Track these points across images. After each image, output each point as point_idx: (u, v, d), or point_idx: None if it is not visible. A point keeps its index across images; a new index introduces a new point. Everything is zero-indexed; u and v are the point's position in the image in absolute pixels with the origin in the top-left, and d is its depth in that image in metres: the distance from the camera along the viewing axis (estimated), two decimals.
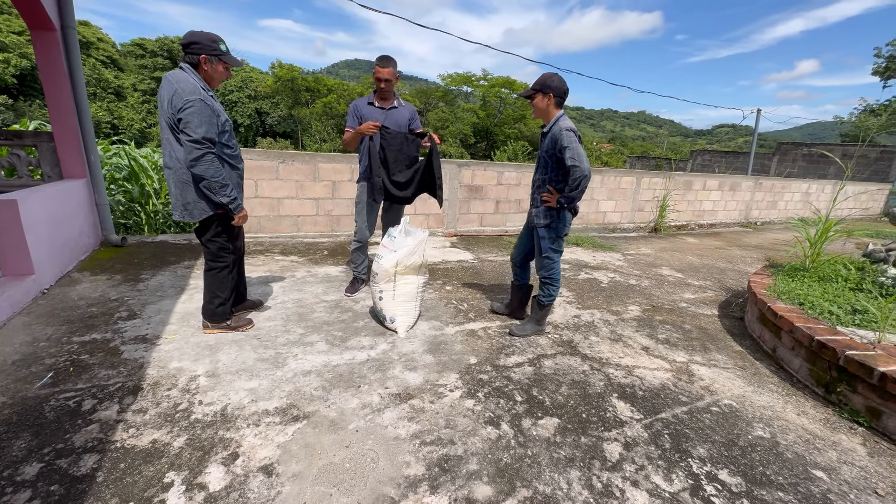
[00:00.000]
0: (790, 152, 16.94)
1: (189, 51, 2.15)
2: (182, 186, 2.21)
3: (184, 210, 2.24)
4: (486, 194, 6.13)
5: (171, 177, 2.21)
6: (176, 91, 2.07)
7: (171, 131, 2.13)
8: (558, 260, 2.73)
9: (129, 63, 35.44)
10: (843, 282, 3.08)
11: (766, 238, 7.80)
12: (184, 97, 2.06)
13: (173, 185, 2.22)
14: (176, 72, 2.15)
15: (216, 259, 2.44)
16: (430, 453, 1.68)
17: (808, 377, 2.39)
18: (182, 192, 2.21)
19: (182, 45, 2.17)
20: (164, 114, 2.12)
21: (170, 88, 2.08)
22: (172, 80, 2.11)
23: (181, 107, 2.06)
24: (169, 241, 4.61)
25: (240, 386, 2.04)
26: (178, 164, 2.17)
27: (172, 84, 2.09)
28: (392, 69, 2.92)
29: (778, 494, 1.58)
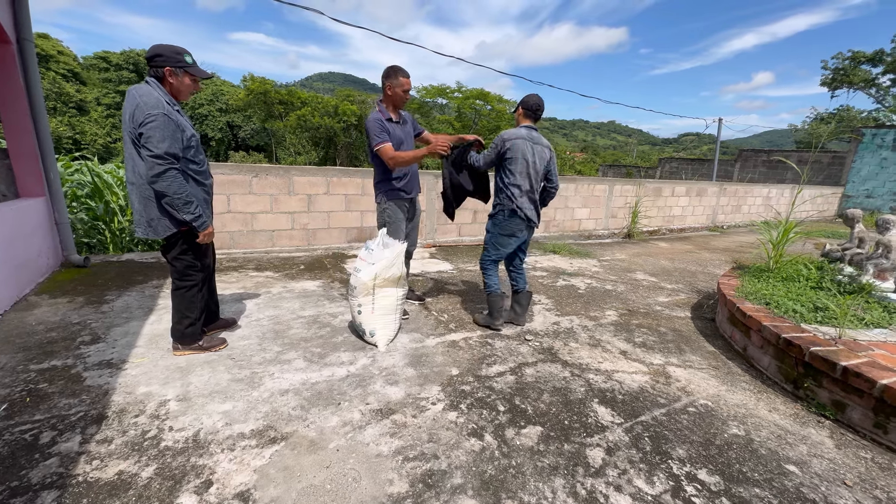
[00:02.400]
0: (751, 158, 17.83)
1: (153, 64, 2.11)
2: (145, 202, 2.14)
3: (147, 227, 2.17)
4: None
5: (135, 192, 2.14)
6: (138, 105, 2.01)
7: (134, 146, 2.07)
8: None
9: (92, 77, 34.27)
10: (805, 281, 3.23)
11: (733, 241, 8.13)
12: (146, 111, 2.00)
13: (136, 200, 2.15)
14: (140, 85, 2.10)
15: (183, 278, 2.35)
16: (413, 469, 1.65)
17: (777, 374, 2.48)
18: (145, 209, 2.14)
19: (146, 59, 2.12)
20: (126, 128, 2.07)
21: (132, 102, 2.03)
22: (136, 93, 2.05)
23: (143, 121, 1.99)
24: (136, 259, 4.43)
25: (213, 409, 1.96)
26: (140, 180, 2.10)
27: (135, 98, 2.03)
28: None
29: (755, 491, 1.62)
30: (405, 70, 2.85)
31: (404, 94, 2.85)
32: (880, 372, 1.97)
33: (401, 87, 2.82)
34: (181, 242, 2.28)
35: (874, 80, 24.15)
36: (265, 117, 31.75)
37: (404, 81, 2.82)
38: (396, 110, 2.93)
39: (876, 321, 2.60)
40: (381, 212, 3.01)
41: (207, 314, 2.62)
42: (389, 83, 2.82)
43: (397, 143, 2.83)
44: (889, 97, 23.87)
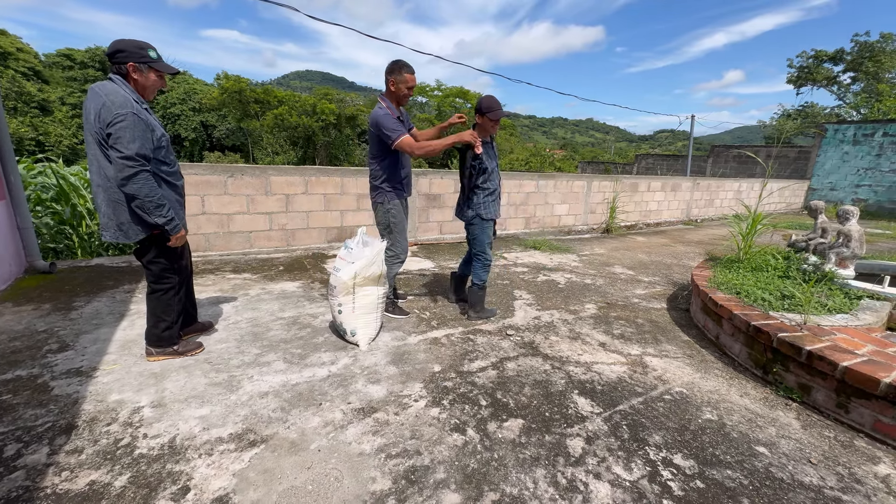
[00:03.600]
0: (722, 154, 18.40)
1: (115, 60, 2.01)
2: (114, 206, 2.06)
3: (118, 230, 2.09)
4: (445, 202, 6.18)
5: (101, 195, 2.06)
6: (104, 104, 1.92)
7: (100, 147, 1.99)
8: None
9: (55, 75, 32.81)
10: (773, 270, 3.36)
11: (706, 234, 8.39)
12: (113, 110, 1.91)
13: (104, 203, 2.06)
14: (104, 83, 2.00)
15: (159, 281, 2.29)
16: (396, 466, 1.65)
17: (748, 360, 2.57)
18: (115, 212, 2.06)
19: (108, 55, 2.03)
20: (90, 128, 1.97)
21: (97, 101, 1.94)
22: (100, 91, 1.96)
23: (111, 121, 1.91)
24: (105, 264, 4.27)
25: (189, 414, 1.91)
26: (108, 182, 2.02)
27: (100, 96, 1.94)
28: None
29: (727, 472, 1.68)
30: (410, 66, 2.76)
31: (408, 91, 2.79)
32: (842, 355, 2.07)
33: (405, 84, 2.75)
34: (154, 246, 2.22)
35: (836, 78, 25.25)
36: (241, 116, 31.01)
37: (409, 78, 2.75)
38: (398, 106, 2.85)
39: (838, 307, 2.73)
40: (385, 212, 2.93)
41: (185, 318, 2.55)
42: (393, 79, 2.75)
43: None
44: (849, 94, 24.99)
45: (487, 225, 3.04)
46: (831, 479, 1.67)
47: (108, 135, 1.94)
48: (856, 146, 13.17)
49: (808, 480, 1.66)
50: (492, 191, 2.97)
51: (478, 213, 2.97)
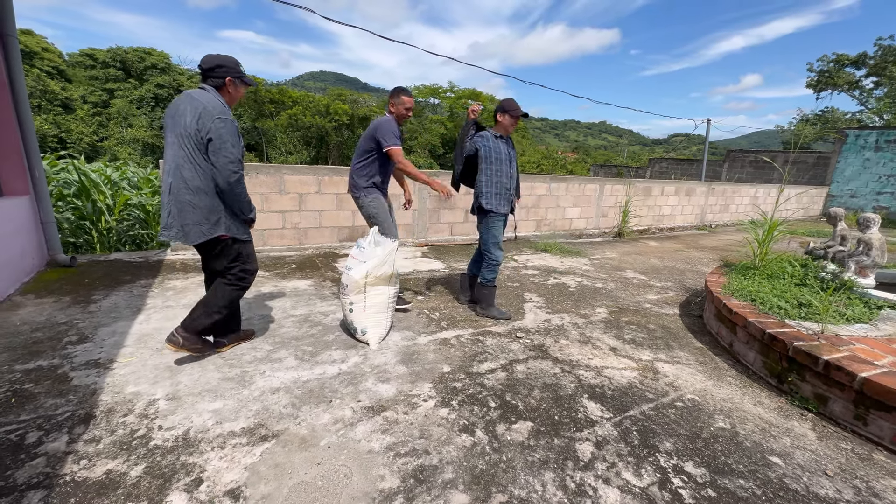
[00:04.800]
0: (739, 159, 18.09)
1: (215, 74, 2.13)
2: (181, 207, 2.10)
3: (180, 231, 2.13)
4: (456, 203, 6.19)
5: (171, 196, 2.10)
6: (206, 109, 2.02)
7: (193, 149, 2.05)
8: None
9: (77, 74, 33.65)
10: (789, 278, 3.30)
11: (721, 240, 8.26)
12: (215, 115, 2.03)
13: (172, 204, 2.10)
14: (200, 91, 2.11)
15: (241, 280, 2.35)
16: (404, 465, 1.65)
17: (763, 369, 2.53)
18: (181, 213, 2.11)
19: (205, 69, 2.12)
20: (183, 130, 2.03)
21: (194, 105, 2.04)
22: (199, 98, 2.06)
23: (214, 126, 2.02)
24: (123, 259, 4.37)
25: (203, 408, 1.95)
26: (183, 184, 2.07)
27: (198, 102, 2.04)
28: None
29: (739, 482, 1.66)
30: (408, 90, 3.11)
31: (406, 112, 3.09)
32: (860, 365, 2.03)
33: (403, 105, 3.07)
34: (225, 251, 2.27)
35: (857, 83, 24.65)
36: (255, 116, 31.46)
37: (406, 100, 3.07)
38: (399, 125, 3.11)
39: (857, 317, 2.67)
40: (367, 203, 3.11)
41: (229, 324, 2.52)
42: (393, 101, 3.08)
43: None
44: (872, 99, 24.39)
45: (493, 222, 3.07)
46: (848, 493, 1.63)
47: (209, 140, 2.03)
48: (878, 153, 12.85)
49: (824, 493, 1.62)
50: (495, 182, 3.05)
51: (479, 202, 3.07)
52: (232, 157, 2.06)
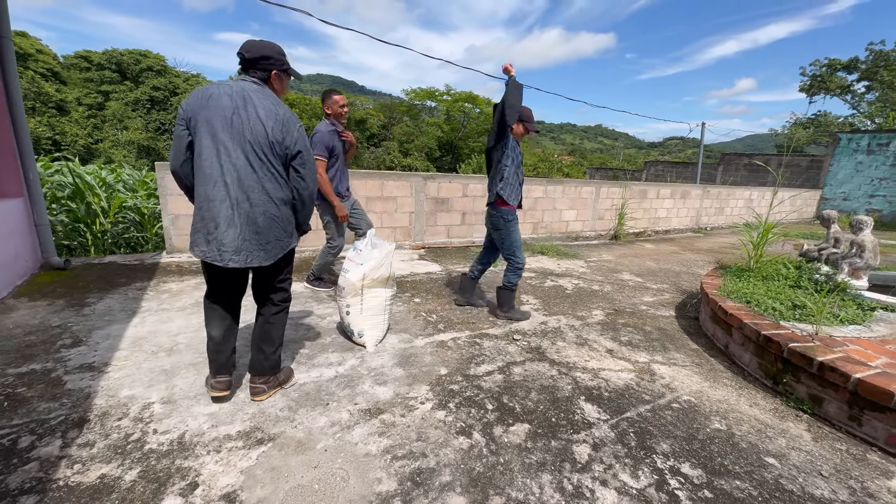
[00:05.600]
0: (733, 162, 18.23)
1: (259, 67, 1.84)
2: (267, 222, 1.81)
3: (260, 250, 1.81)
4: (453, 206, 6.20)
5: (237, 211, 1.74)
6: (287, 117, 1.80)
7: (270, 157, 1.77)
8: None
9: (72, 76, 33.49)
10: (784, 280, 3.33)
11: (716, 242, 8.31)
12: (297, 123, 1.84)
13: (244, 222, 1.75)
14: (251, 87, 1.79)
15: (289, 297, 2.12)
16: (402, 468, 1.65)
17: (758, 370, 2.54)
18: (268, 229, 1.81)
19: (249, 59, 1.82)
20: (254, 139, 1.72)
21: (266, 109, 1.75)
22: (262, 99, 1.77)
23: (300, 138, 1.83)
24: (118, 262, 4.34)
25: (199, 411, 1.93)
26: (260, 197, 1.77)
27: (269, 106, 1.76)
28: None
29: (735, 483, 1.66)
30: (337, 90, 3.46)
31: (341, 110, 3.39)
32: (854, 366, 2.04)
33: (336, 105, 3.38)
34: (291, 260, 2.07)
35: (849, 87, 24.94)
36: None
37: (337, 99, 3.39)
38: (342, 124, 3.48)
39: (851, 318, 2.69)
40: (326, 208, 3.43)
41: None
42: (327, 104, 3.40)
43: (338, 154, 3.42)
44: (864, 103, 24.68)
45: (514, 225, 3.12)
46: (843, 493, 1.64)
47: (298, 153, 1.82)
48: (870, 156, 12.99)
49: (819, 493, 1.63)
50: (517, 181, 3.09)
51: (499, 193, 3.05)
52: (314, 168, 1.93)
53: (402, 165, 28.18)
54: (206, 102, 1.70)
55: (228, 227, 1.74)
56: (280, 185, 1.83)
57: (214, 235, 1.74)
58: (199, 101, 1.71)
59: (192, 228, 1.80)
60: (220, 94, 1.71)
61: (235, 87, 1.75)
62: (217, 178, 1.72)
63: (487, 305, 3.56)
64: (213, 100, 1.70)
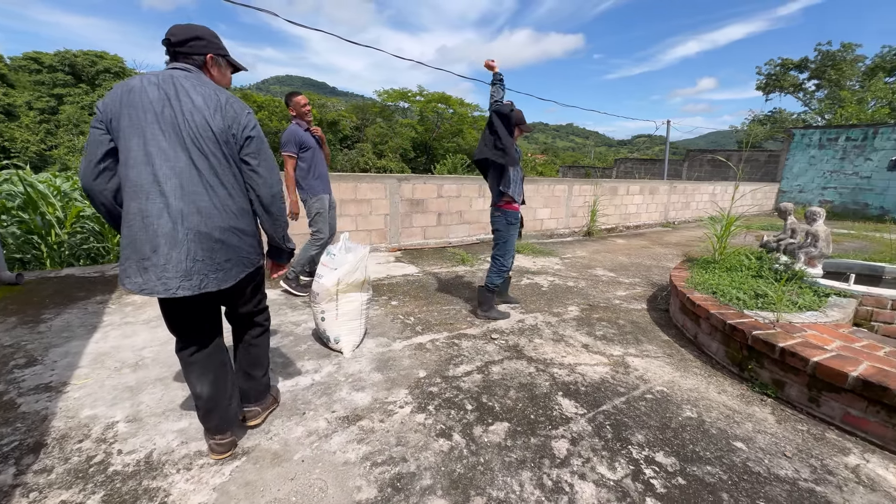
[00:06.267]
0: (697, 158, 18.95)
1: (189, 50, 1.52)
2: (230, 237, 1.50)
3: (217, 272, 1.48)
4: (428, 207, 6.19)
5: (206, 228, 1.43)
6: (228, 100, 1.49)
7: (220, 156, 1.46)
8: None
9: (21, 79, 31.59)
10: (746, 270, 3.47)
11: (684, 235, 8.61)
12: (244, 107, 1.53)
13: (194, 238, 1.41)
14: (181, 74, 1.47)
15: (269, 315, 1.90)
16: (381, 474, 1.63)
17: (725, 358, 2.64)
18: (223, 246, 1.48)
19: (176, 43, 1.50)
20: (194, 131, 1.42)
21: (205, 95, 1.45)
22: (195, 83, 1.46)
23: (250, 122, 1.51)
24: (76, 274, 4.12)
25: (167, 428, 1.85)
26: (216, 205, 1.45)
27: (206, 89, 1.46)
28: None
29: (707, 468, 1.72)
30: (297, 92, 3.59)
31: (304, 109, 3.49)
32: (812, 351, 2.15)
33: (299, 105, 3.48)
34: (261, 280, 1.79)
35: (801, 85, 26.37)
36: None
37: (298, 100, 3.49)
38: (308, 122, 3.56)
39: (808, 305, 2.84)
40: (312, 203, 3.56)
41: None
42: (291, 106, 3.51)
43: (314, 149, 3.52)
44: (814, 100, 26.12)
45: (514, 229, 3.19)
46: (805, 472, 1.72)
47: (247, 139, 1.50)
48: (821, 150, 13.75)
49: (784, 473, 1.71)
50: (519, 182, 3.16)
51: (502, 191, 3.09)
52: (274, 164, 1.58)
53: (377, 167, 27.95)
54: (128, 98, 1.38)
55: (172, 247, 1.38)
56: (238, 188, 1.52)
57: (153, 261, 1.38)
58: (121, 98, 1.39)
59: (122, 256, 1.41)
60: (144, 85, 1.40)
61: (163, 75, 1.45)
62: (150, 187, 1.37)
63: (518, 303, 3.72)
64: (137, 93, 1.39)
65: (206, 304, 1.60)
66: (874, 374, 1.92)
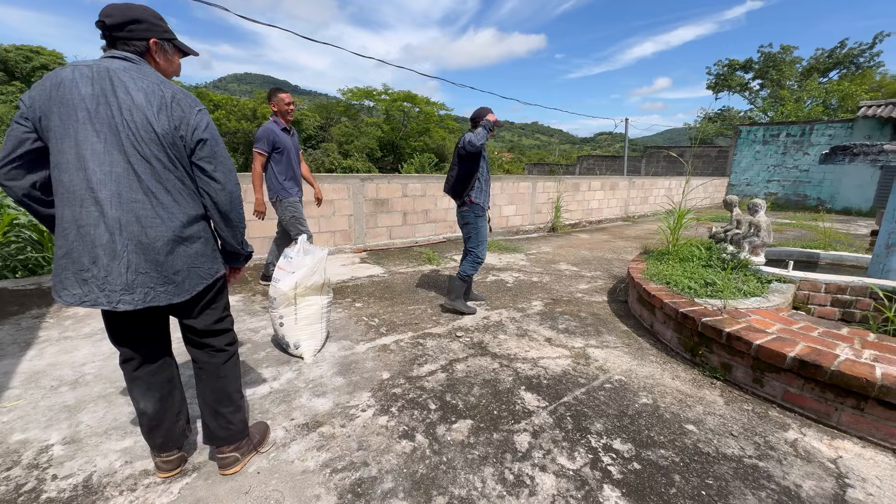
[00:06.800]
0: (654, 154, 19.77)
1: (129, 35, 1.34)
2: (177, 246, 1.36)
3: (168, 285, 1.36)
4: (393, 207, 6.13)
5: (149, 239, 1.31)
6: (174, 95, 1.32)
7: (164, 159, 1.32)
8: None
9: None
10: (697, 260, 3.65)
11: (643, 229, 8.96)
12: (193, 104, 1.36)
13: (134, 250, 1.29)
14: (119, 63, 1.30)
15: (236, 338, 1.67)
16: (342, 480, 1.59)
17: (679, 345, 2.76)
18: (168, 259, 1.34)
19: (113, 27, 1.32)
20: (132, 131, 1.27)
21: (147, 89, 1.29)
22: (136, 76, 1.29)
23: (201, 122, 1.35)
24: (9, 287, 3.80)
25: (110, 448, 1.73)
26: (160, 215, 1.32)
27: (149, 83, 1.30)
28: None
29: (661, 452, 1.79)
30: (282, 88, 3.54)
31: (287, 107, 3.48)
32: (755, 334, 2.28)
33: (282, 102, 3.46)
34: (223, 294, 1.59)
35: (747, 85, 28.00)
36: None
37: (282, 97, 3.47)
38: (286, 120, 3.53)
39: (752, 291, 3.01)
40: (285, 207, 3.54)
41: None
42: (273, 102, 3.48)
43: (286, 149, 3.46)
44: (759, 99, 27.81)
45: (482, 221, 3.28)
46: (750, 449, 1.82)
47: (199, 142, 1.35)
48: (765, 146, 14.67)
49: (731, 452, 1.80)
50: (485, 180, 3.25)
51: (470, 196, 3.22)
52: (232, 166, 1.44)
53: (343, 167, 27.44)
54: (58, 93, 1.23)
55: (111, 259, 1.26)
56: (187, 194, 1.38)
57: (93, 272, 1.27)
58: (49, 93, 1.24)
59: (56, 266, 1.29)
60: (76, 78, 1.24)
61: (98, 67, 1.27)
62: (84, 194, 1.24)
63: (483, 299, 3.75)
64: (68, 88, 1.23)
65: (154, 318, 1.50)
66: (809, 353, 2.06)
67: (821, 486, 1.62)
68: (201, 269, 1.44)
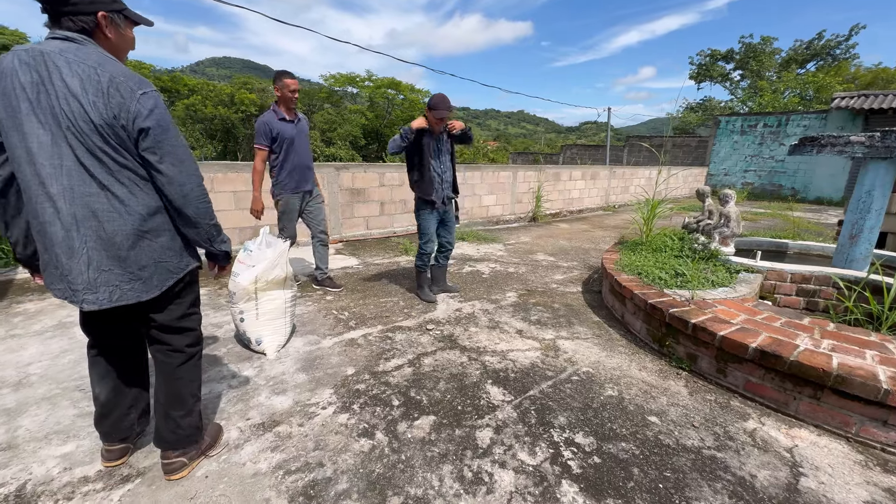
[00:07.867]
0: (636, 144, 19.92)
1: (70, 7, 1.19)
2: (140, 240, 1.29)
3: (135, 282, 1.30)
4: (370, 196, 6.01)
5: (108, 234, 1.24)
6: (111, 78, 1.18)
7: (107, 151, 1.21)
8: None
9: None
10: (669, 251, 3.67)
11: (623, 219, 9.03)
12: (134, 87, 1.21)
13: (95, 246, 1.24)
14: (56, 44, 1.18)
15: (199, 339, 1.59)
16: (294, 483, 1.54)
17: (647, 336, 2.77)
18: (130, 255, 1.28)
19: (54, 1, 1.19)
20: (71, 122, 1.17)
21: (82, 73, 1.16)
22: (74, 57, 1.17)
23: (143, 108, 1.22)
24: None
25: (48, 454, 1.64)
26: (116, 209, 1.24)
27: (86, 66, 1.17)
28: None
29: (622, 445, 1.79)
30: (289, 73, 3.20)
31: (292, 94, 3.16)
32: (720, 325, 2.29)
33: (287, 88, 3.15)
34: (189, 291, 1.51)
35: (728, 75, 28.33)
36: None
37: (288, 82, 3.15)
38: (290, 110, 3.23)
39: (721, 281, 3.03)
40: (276, 204, 3.34)
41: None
42: (277, 86, 3.17)
43: (289, 140, 3.18)
44: (739, 89, 28.19)
45: (424, 215, 3.24)
46: (709, 440, 1.83)
47: (141, 131, 1.22)
48: (743, 136, 14.89)
49: (691, 443, 1.81)
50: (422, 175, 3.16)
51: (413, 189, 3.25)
52: (186, 156, 1.31)
53: (326, 155, 26.91)
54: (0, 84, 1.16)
55: (69, 257, 1.22)
56: (144, 186, 1.29)
57: (60, 270, 1.25)
58: None
59: (41, 261, 1.30)
60: (16, 66, 1.15)
61: (34, 51, 1.16)
62: (36, 190, 1.19)
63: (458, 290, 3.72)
64: (9, 77, 1.15)
65: (124, 315, 1.42)
66: (770, 343, 2.08)
67: (775, 475, 1.64)
68: (169, 263, 1.37)
